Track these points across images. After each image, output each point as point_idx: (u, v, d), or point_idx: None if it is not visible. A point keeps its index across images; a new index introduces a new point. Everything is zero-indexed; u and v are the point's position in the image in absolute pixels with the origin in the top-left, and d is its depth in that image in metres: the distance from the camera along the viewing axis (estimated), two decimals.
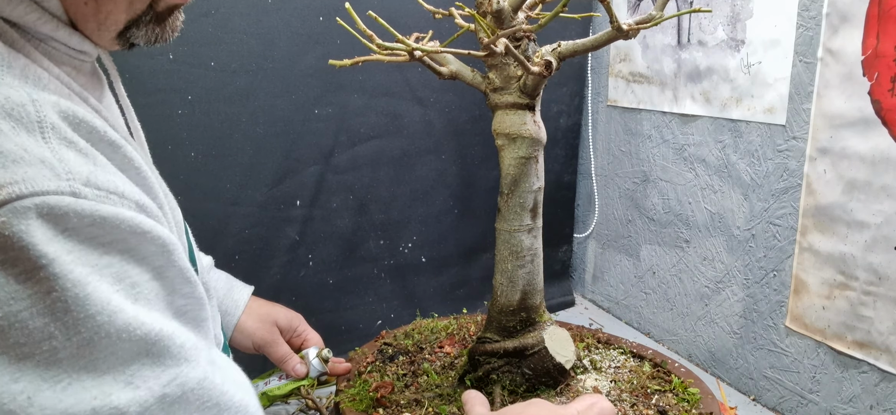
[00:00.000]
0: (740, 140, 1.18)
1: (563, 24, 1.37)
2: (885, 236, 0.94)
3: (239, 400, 0.44)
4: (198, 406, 0.41)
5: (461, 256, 1.46)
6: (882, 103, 0.92)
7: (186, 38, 1.07)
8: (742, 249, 1.20)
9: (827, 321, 1.04)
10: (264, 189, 1.19)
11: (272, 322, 0.90)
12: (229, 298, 0.88)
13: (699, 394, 0.89)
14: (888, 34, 0.90)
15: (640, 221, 1.46)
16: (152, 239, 0.40)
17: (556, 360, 0.87)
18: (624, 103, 1.47)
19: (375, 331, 1.34)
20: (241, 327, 0.87)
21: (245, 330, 0.88)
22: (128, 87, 1.05)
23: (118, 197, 0.39)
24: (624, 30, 0.71)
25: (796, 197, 1.08)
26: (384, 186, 1.33)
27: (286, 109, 1.18)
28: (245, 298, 0.89)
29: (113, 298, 0.37)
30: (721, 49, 1.19)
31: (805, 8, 1.03)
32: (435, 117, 1.36)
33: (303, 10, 1.16)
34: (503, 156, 0.86)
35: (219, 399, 0.42)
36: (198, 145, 1.11)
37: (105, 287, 0.37)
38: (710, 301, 1.29)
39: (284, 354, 0.89)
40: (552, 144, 1.53)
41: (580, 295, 1.70)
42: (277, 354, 0.89)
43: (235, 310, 0.87)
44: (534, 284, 0.89)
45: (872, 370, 0.98)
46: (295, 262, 1.24)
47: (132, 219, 0.39)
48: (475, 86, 0.87)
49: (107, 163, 0.41)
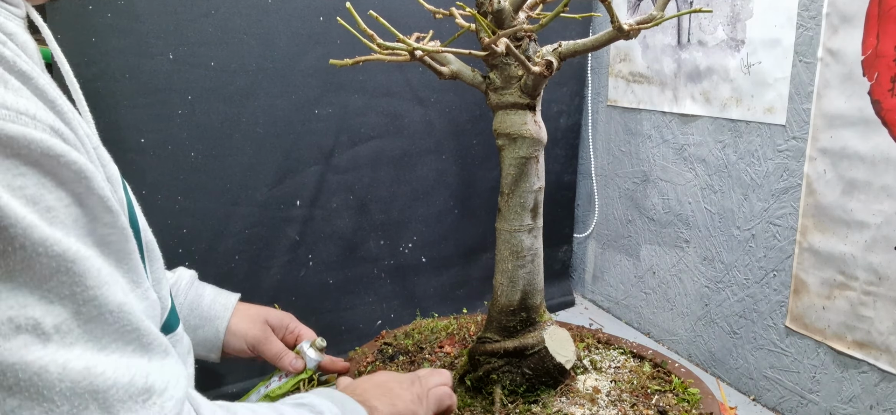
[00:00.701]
0: (740, 140, 1.18)
1: (564, 24, 1.37)
2: (885, 236, 0.94)
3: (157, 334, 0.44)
4: (116, 329, 0.40)
5: (461, 256, 1.46)
6: (882, 103, 0.92)
7: (186, 38, 1.07)
8: (742, 249, 1.20)
9: (827, 321, 1.04)
10: (264, 189, 1.19)
11: (263, 320, 0.90)
12: (217, 303, 0.88)
13: (699, 394, 0.89)
14: (888, 34, 0.90)
15: (640, 221, 1.46)
16: (68, 164, 0.39)
17: (557, 360, 0.87)
18: (624, 103, 1.47)
19: (375, 331, 1.34)
20: (232, 329, 0.87)
21: (237, 331, 0.88)
22: (128, 87, 1.05)
23: (29, 118, 0.38)
24: (625, 30, 0.71)
25: (796, 197, 1.08)
26: (384, 186, 1.33)
27: (286, 108, 1.18)
28: (233, 301, 0.89)
29: (28, 215, 0.36)
30: (721, 49, 1.19)
31: (805, 8, 1.03)
32: (435, 117, 1.36)
33: (303, 10, 1.16)
34: (504, 156, 0.86)
35: (138, 325, 0.42)
36: (198, 145, 1.11)
37: (17, 205, 0.36)
38: (710, 301, 1.29)
39: (279, 350, 0.89)
40: (552, 144, 1.53)
41: (580, 295, 1.70)
42: (272, 351, 0.88)
43: (224, 312, 0.87)
44: (534, 284, 0.89)
45: (872, 370, 0.98)
46: (295, 262, 1.24)
47: (44, 141, 0.38)
48: (476, 86, 0.87)
49: (20, 86, 0.40)
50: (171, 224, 1.11)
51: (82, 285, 0.39)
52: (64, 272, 0.38)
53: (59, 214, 0.39)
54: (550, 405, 0.85)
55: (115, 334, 0.40)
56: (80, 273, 0.38)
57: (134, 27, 1.02)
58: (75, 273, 0.38)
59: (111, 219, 0.42)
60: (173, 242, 1.11)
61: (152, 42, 1.04)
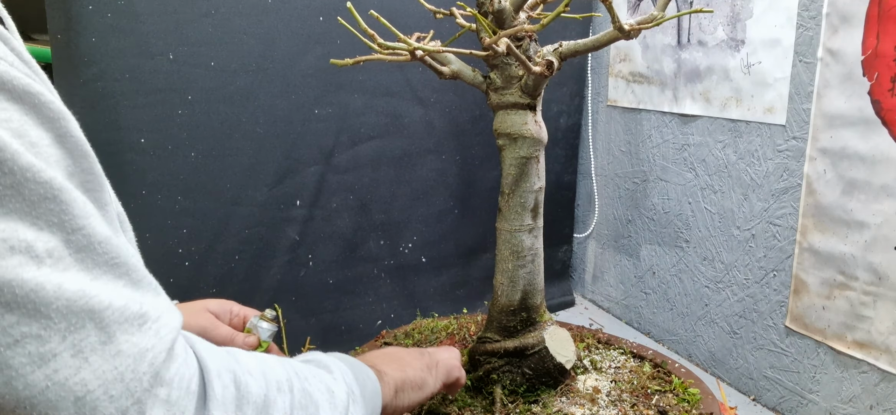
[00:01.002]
0: (740, 140, 1.18)
1: (564, 23, 1.37)
2: (885, 236, 0.94)
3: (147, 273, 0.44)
4: (106, 260, 0.41)
5: (461, 256, 1.46)
6: (882, 103, 0.92)
7: (186, 38, 1.07)
8: (742, 249, 1.20)
9: (827, 321, 1.04)
10: (264, 189, 1.18)
11: (203, 309, 0.88)
12: None
13: (699, 394, 0.89)
14: (888, 34, 0.90)
15: (640, 221, 1.46)
16: (47, 103, 0.40)
17: (557, 360, 0.87)
18: (624, 103, 1.47)
19: (375, 331, 1.33)
20: None
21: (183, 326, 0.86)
22: (128, 87, 1.05)
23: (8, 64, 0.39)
24: (625, 30, 0.71)
25: (796, 197, 1.08)
26: (384, 186, 1.33)
27: (286, 108, 1.18)
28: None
29: (14, 143, 0.37)
30: (721, 49, 1.19)
31: (805, 8, 1.04)
32: (435, 117, 1.36)
33: (303, 10, 1.16)
34: (504, 156, 0.86)
35: (127, 261, 0.42)
36: (198, 145, 1.11)
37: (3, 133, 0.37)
38: (710, 301, 1.29)
39: (228, 333, 0.87)
40: (552, 144, 1.52)
41: (580, 295, 1.70)
42: (221, 335, 0.86)
43: None
44: (534, 283, 0.89)
45: (872, 370, 0.98)
46: (295, 262, 1.24)
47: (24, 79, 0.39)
48: (476, 86, 0.87)
49: None
50: (171, 224, 1.10)
51: (69, 214, 0.39)
52: (51, 200, 0.38)
53: (43, 150, 0.39)
54: (550, 405, 0.85)
55: (106, 265, 0.41)
56: (67, 202, 0.39)
57: (134, 27, 1.02)
58: (63, 202, 0.38)
59: (89, 165, 0.42)
60: (173, 242, 1.11)
61: (152, 42, 1.04)
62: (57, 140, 0.40)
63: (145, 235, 1.08)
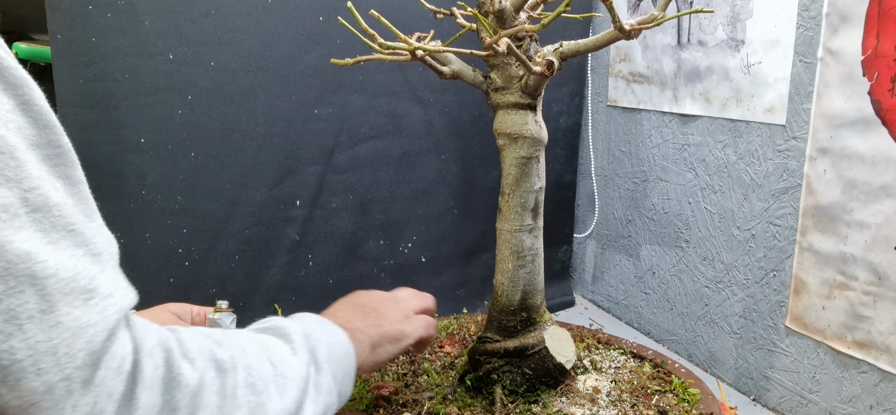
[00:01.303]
0: (740, 140, 1.18)
1: (564, 23, 1.36)
2: (885, 236, 0.94)
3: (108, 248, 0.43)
4: (64, 225, 0.39)
5: (461, 256, 1.46)
6: (882, 103, 0.92)
7: (186, 38, 1.07)
8: (742, 249, 1.20)
9: (827, 321, 1.04)
10: (264, 189, 1.18)
11: (166, 311, 0.88)
12: None
13: (699, 394, 0.89)
14: (888, 34, 0.90)
15: (640, 221, 1.46)
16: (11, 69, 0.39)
17: (557, 360, 0.87)
18: (624, 103, 1.47)
19: None
20: None
21: None
22: (128, 87, 1.05)
23: None
24: (626, 30, 0.71)
25: (796, 197, 1.08)
26: (384, 186, 1.33)
27: (286, 109, 1.18)
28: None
29: None
30: (721, 49, 1.19)
31: (805, 8, 1.04)
32: (435, 117, 1.36)
33: (303, 10, 1.16)
34: (504, 156, 0.86)
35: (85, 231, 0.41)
36: (198, 145, 1.11)
37: None
38: (710, 301, 1.29)
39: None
40: (552, 144, 1.52)
41: (580, 295, 1.70)
42: None
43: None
44: (534, 284, 0.89)
45: (872, 370, 0.98)
46: (295, 262, 1.24)
47: None
48: (476, 86, 0.87)
49: None
50: (171, 224, 1.10)
51: (26, 173, 0.37)
52: (8, 156, 0.37)
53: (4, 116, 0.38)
54: (551, 405, 0.85)
55: (63, 230, 0.39)
56: (24, 160, 0.38)
57: (134, 27, 1.02)
58: (19, 159, 0.37)
59: (55, 137, 0.41)
60: (173, 242, 1.11)
61: (152, 42, 1.04)
62: (19, 107, 0.39)
63: (145, 235, 1.08)
